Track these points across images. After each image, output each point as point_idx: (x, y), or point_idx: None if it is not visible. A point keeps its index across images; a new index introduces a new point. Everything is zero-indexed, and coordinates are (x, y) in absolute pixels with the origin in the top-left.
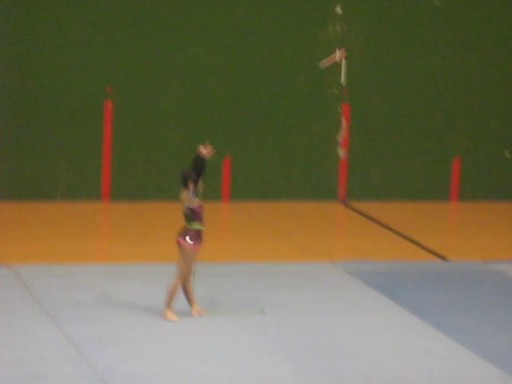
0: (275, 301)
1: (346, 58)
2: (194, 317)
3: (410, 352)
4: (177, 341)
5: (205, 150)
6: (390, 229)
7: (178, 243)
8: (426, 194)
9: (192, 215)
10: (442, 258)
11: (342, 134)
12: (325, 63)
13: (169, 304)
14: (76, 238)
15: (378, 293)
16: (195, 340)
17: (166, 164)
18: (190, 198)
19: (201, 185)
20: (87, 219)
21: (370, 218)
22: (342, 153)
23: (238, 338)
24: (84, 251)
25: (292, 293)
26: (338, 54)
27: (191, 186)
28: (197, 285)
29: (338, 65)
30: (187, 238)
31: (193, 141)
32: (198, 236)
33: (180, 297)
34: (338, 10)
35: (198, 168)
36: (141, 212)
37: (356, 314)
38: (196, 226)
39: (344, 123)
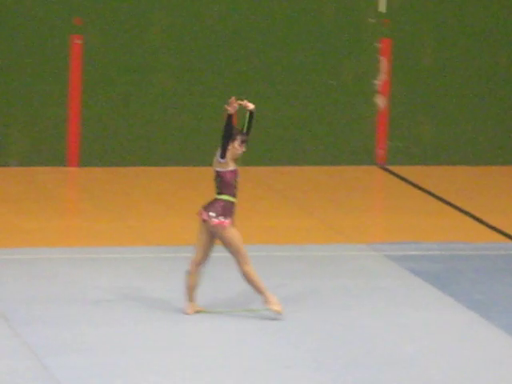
0: (296, 293)
1: None
2: (188, 315)
3: (471, 360)
4: (168, 347)
5: (229, 107)
6: (443, 200)
7: (203, 219)
8: (490, 157)
9: (220, 183)
10: (510, 237)
11: (382, 78)
12: None
13: (265, 292)
14: (36, 215)
15: (427, 283)
16: (191, 347)
17: (150, 116)
18: (218, 160)
19: (238, 148)
20: (50, 190)
21: (417, 187)
22: (381, 102)
23: (246, 344)
24: (46, 231)
25: (318, 283)
26: None
27: (219, 147)
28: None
29: None
30: (211, 212)
31: (184, 85)
32: (226, 210)
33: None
34: None
35: (225, 128)
36: (118, 180)
37: (399, 312)
38: (225, 197)
39: (384, 64)
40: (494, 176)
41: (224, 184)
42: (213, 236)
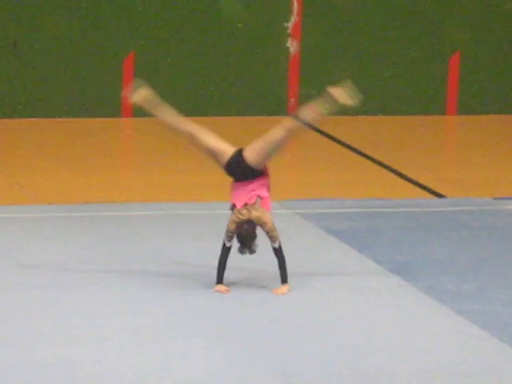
0: (202, 255)
1: None
2: None
3: (394, 326)
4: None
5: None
6: (360, 153)
7: None
8: (410, 106)
9: None
10: (437, 194)
11: (294, 21)
12: None
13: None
14: None
15: (344, 243)
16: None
17: (41, 63)
18: None
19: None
20: None
21: (332, 139)
22: (293, 47)
23: (149, 316)
24: None
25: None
26: None
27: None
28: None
29: None
30: None
31: (80, 29)
32: None
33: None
34: None
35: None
36: (7, 133)
37: (314, 275)
38: None
39: (296, 5)
40: (416, 127)
41: None
42: None
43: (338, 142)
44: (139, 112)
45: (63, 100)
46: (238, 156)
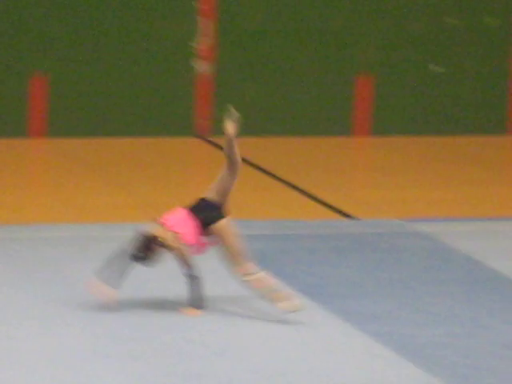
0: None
1: None
2: None
3: (303, 348)
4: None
5: None
6: (271, 174)
7: None
8: (320, 127)
9: None
10: (347, 215)
11: (203, 41)
12: None
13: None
14: None
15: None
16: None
17: None
18: None
19: None
20: None
21: (243, 159)
22: (201, 67)
23: (60, 337)
24: None
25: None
26: None
27: None
28: None
29: None
30: None
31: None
32: None
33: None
34: None
35: None
36: None
37: (224, 297)
38: None
39: (204, 24)
40: (324, 148)
41: None
42: None
43: (245, 162)
44: (47, 132)
45: None
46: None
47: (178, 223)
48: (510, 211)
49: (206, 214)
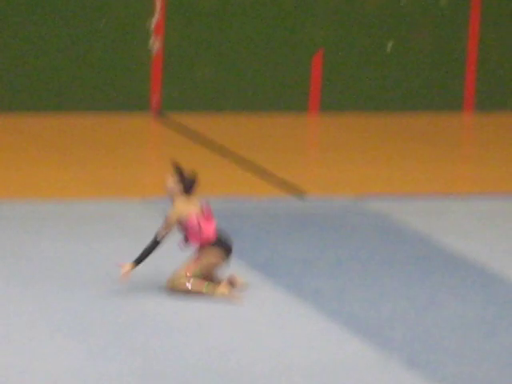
0: (70, 255)
1: None
2: None
3: (254, 324)
4: None
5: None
6: (222, 151)
7: None
8: (274, 103)
9: None
10: (298, 194)
11: (156, 20)
12: None
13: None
14: None
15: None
16: None
17: None
18: None
19: None
20: None
21: (195, 136)
22: (155, 45)
23: (11, 314)
24: None
25: (94, 244)
26: None
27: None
28: None
29: None
30: None
31: None
32: None
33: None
34: None
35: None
36: None
37: (169, 273)
38: None
39: (158, 4)
40: (278, 125)
41: None
42: None
43: (200, 138)
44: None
45: None
46: None
47: (208, 210)
48: (460, 188)
49: (226, 243)
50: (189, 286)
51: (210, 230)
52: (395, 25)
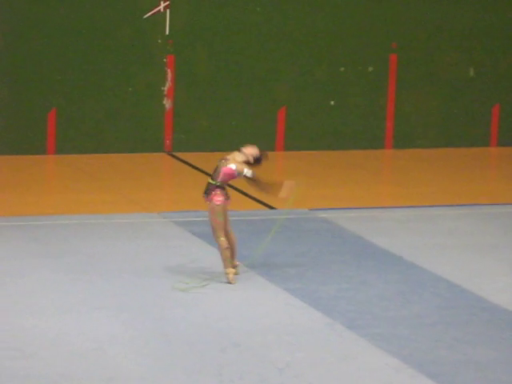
0: (109, 252)
1: (170, 8)
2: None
3: (240, 301)
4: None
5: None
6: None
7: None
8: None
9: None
10: (269, 206)
11: (168, 85)
12: (149, 13)
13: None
14: None
15: (204, 242)
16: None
17: None
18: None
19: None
20: None
21: (197, 168)
22: (167, 104)
23: (65, 294)
24: None
25: (121, 244)
26: (163, 5)
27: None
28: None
29: (162, 15)
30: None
31: (19, 96)
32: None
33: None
34: None
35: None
36: None
37: (183, 265)
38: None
39: (169, 74)
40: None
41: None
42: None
43: (200, 170)
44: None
45: None
46: None
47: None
48: (385, 203)
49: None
50: (223, 242)
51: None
52: (336, 88)
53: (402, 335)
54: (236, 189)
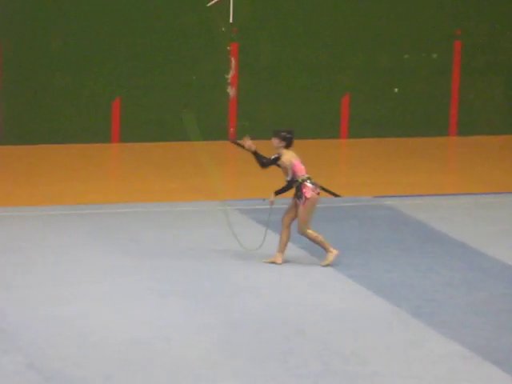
0: (172, 240)
1: None
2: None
3: (304, 288)
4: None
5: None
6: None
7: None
8: (317, 132)
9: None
10: (334, 194)
11: (232, 73)
12: (212, 1)
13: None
14: None
15: (268, 229)
16: (86, 282)
17: (55, 107)
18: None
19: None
20: None
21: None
22: (231, 92)
23: (130, 281)
24: None
25: (187, 232)
26: None
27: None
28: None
29: (226, 3)
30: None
31: (81, 83)
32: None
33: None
34: None
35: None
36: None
37: (247, 252)
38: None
39: (233, 62)
40: (316, 148)
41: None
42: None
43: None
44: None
45: None
46: None
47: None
48: (448, 190)
49: None
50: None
51: (303, 169)
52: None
53: (467, 322)
54: None
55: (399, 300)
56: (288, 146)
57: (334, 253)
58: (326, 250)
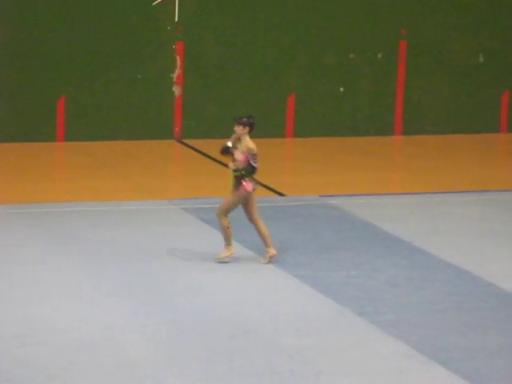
0: (119, 239)
1: None
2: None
3: (249, 287)
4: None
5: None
6: (222, 164)
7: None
8: (263, 131)
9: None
10: (279, 193)
11: (177, 72)
12: (158, 0)
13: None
14: None
15: (213, 228)
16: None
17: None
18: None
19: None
20: None
21: (205, 155)
22: (177, 91)
23: (75, 281)
24: None
25: (131, 231)
26: None
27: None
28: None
29: (171, 2)
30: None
31: (28, 83)
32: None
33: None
34: None
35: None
36: None
37: (192, 251)
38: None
39: (178, 61)
40: (264, 146)
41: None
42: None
43: (208, 156)
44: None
45: None
46: None
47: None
48: (394, 189)
49: None
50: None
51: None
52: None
53: (412, 322)
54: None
55: (344, 299)
56: (251, 131)
57: (231, 251)
58: (226, 242)
